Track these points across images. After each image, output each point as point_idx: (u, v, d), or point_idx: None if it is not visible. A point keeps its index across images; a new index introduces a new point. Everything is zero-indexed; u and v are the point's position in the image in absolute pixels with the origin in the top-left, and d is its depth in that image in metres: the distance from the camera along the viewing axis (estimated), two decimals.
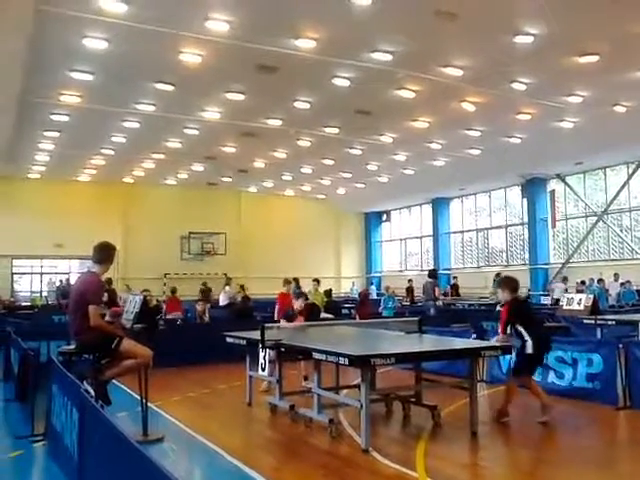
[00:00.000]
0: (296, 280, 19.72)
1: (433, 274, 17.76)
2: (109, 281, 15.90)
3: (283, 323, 9.17)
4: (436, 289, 17.11)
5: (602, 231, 24.67)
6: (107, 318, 6.57)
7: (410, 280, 25.80)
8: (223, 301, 19.09)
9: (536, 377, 8.57)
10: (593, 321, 10.05)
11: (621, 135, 18.76)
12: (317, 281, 14.56)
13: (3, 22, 10.93)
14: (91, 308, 5.71)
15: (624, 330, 10.31)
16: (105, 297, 13.34)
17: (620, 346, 7.76)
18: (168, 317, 14.77)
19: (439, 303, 17.47)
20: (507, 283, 7.27)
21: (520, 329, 6.87)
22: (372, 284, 32.47)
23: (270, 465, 5.61)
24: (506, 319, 6.98)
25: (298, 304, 9.48)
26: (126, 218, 27.79)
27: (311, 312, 9.74)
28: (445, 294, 27.40)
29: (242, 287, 20.74)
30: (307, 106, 16.76)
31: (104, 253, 6.07)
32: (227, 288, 19.89)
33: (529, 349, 6.81)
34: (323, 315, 12.38)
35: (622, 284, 18.73)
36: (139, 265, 26.56)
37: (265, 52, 13.05)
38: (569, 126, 18.13)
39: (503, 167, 23.81)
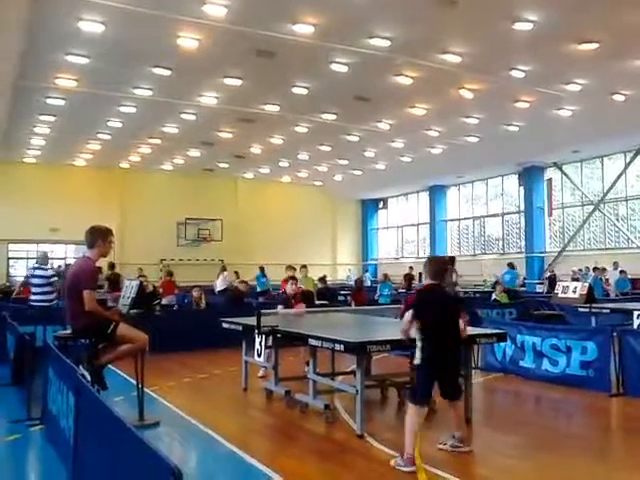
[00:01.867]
0: (262, 269, 20.16)
1: (452, 261, 17.98)
2: (112, 265, 15.74)
3: (280, 309, 9.18)
4: (453, 275, 17.36)
5: (598, 220, 24.72)
6: (109, 303, 6.53)
7: (411, 267, 25.83)
8: (220, 286, 19.07)
9: (530, 364, 8.65)
10: (588, 309, 10.10)
11: (619, 124, 18.75)
12: (305, 267, 14.57)
13: None
14: (86, 293, 5.70)
15: (618, 318, 10.38)
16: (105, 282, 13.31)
17: (614, 334, 7.81)
18: (163, 302, 14.76)
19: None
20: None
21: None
22: (367, 271, 32.52)
23: (266, 450, 5.64)
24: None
25: (290, 288, 9.46)
26: (122, 203, 27.71)
27: (306, 298, 9.75)
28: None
29: (236, 273, 20.79)
30: (304, 92, 16.67)
31: (92, 236, 6.05)
32: (225, 273, 19.86)
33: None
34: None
35: (621, 272, 18.79)
36: (135, 251, 26.50)
37: (263, 37, 12.96)
38: (567, 114, 18.10)
39: (500, 155, 23.78)
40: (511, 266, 19.32)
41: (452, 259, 18.21)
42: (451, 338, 5.15)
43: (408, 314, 5.14)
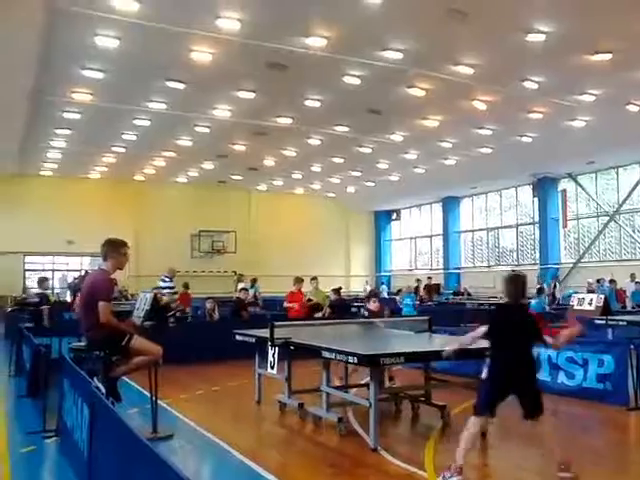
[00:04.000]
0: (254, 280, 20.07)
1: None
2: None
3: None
4: None
5: (614, 231, 24.49)
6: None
7: (429, 278, 25.73)
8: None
9: (546, 377, 8.56)
10: (604, 321, 9.98)
11: (634, 134, 18.60)
12: (315, 279, 14.48)
13: (15, 20, 11.00)
14: (101, 305, 5.74)
15: (636, 331, 10.24)
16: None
17: (632, 347, 7.70)
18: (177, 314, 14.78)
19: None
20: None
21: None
22: (383, 283, 32.36)
23: (279, 463, 5.62)
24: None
25: (374, 305, 9.11)
26: (137, 216, 27.89)
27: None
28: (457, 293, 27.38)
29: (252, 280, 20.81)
30: (317, 104, 16.75)
31: (106, 248, 6.10)
32: (241, 285, 19.74)
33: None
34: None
35: (637, 283, 18.56)
36: (150, 263, 26.60)
37: (276, 50, 13.06)
38: (581, 125, 18.01)
39: (514, 166, 23.69)
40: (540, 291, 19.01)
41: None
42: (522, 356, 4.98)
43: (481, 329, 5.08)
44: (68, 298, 21.78)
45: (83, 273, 18.99)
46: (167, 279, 14.03)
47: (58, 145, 21.31)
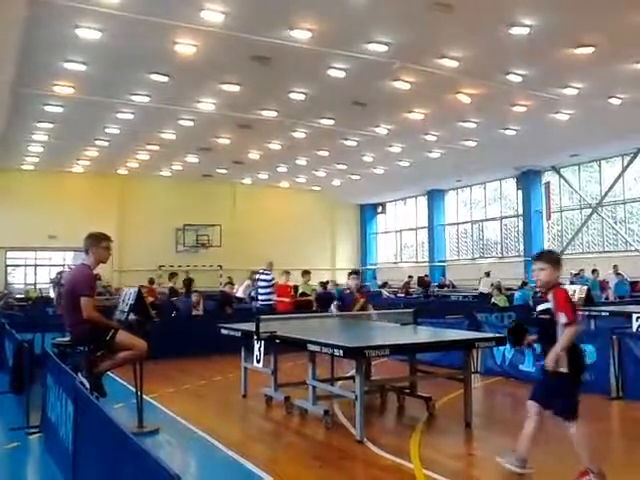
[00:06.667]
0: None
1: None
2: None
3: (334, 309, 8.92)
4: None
5: (596, 223, 24.76)
6: None
7: (410, 276, 25.77)
8: (241, 293, 18.56)
9: (530, 368, 8.65)
10: (587, 312, 10.10)
11: (616, 127, 18.80)
12: (307, 272, 14.54)
13: None
14: (83, 300, 5.69)
15: (618, 321, 10.37)
16: None
17: (613, 337, 7.80)
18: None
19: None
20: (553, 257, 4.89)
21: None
22: (374, 277, 32.34)
23: (265, 456, 5.62)
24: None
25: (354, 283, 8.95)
26: (120, 210, 27.70)
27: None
28: (441, 286, 27.56)
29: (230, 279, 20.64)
30: (302, 97, 16.70)
31: (87, 242, 6.05)
32: (247, 282, 19.22)
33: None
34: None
35: (618, 274, 18.81)
36: (134, 257, 26.49)
37: (260, 43, 12.98)
38: (564, 118, 18.14)
39: (498, 159, 23.83)
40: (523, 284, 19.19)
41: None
42: None
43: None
44: (52, 293, 21.58)
45: (66, 269, 18.82)
46: (267, 273, 14.63)
47: (40, 139, 21.04)
